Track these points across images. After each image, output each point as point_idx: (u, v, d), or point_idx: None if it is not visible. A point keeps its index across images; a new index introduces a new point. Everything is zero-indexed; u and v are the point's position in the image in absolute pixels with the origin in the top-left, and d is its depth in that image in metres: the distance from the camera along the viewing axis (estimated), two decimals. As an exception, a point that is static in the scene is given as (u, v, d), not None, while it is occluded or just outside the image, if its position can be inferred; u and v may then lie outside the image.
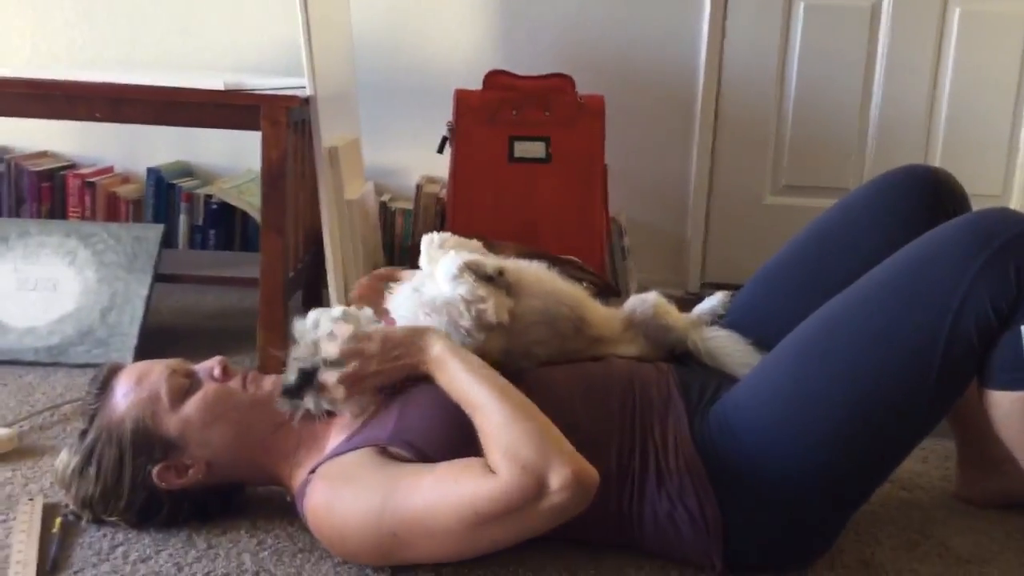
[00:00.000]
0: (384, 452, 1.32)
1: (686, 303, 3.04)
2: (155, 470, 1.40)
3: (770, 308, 1.60)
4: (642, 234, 3.06)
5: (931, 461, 1.82)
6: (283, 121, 2.07)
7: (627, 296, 2.92)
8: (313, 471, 1.38)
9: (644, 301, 1.63)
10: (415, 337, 1.36)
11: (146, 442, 1.40)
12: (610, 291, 2.51)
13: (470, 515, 1.20)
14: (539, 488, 1.18)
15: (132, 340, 2.18)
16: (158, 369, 1.47)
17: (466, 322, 1.40)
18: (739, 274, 3.15)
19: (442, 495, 1.22)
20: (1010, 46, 2.97)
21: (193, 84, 2.08)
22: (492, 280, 1.42)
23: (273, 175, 2.09)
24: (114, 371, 1.48)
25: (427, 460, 1.30)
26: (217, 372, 1.48)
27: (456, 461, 1.25)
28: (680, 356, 1.62)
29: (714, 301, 1.68)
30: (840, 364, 1.30)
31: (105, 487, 1.40)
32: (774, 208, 3.09)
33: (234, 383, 1.48)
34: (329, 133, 2.24)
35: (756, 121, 3.05)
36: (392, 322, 1.44)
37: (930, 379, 1.27)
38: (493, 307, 1.40)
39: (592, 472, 1.21)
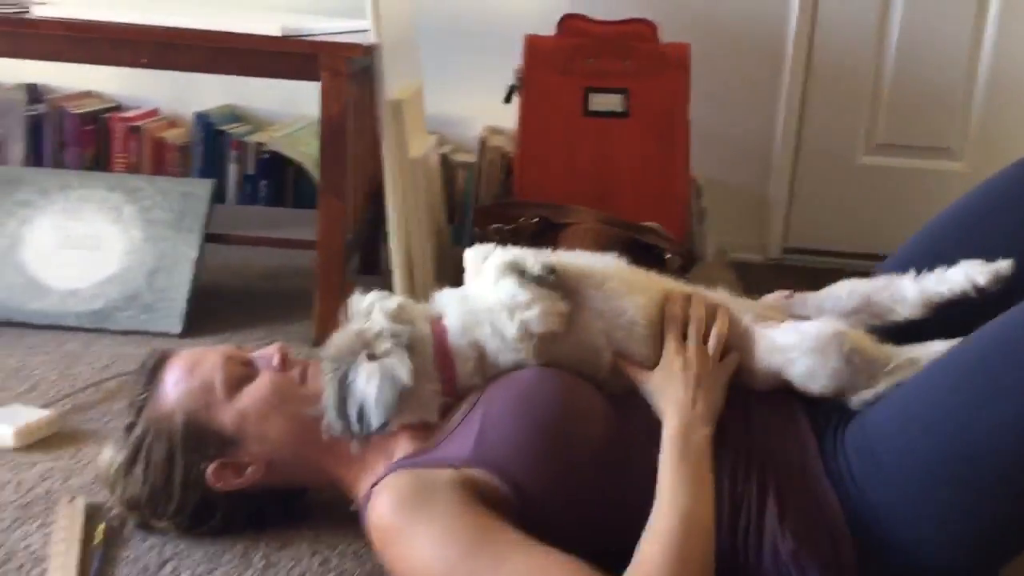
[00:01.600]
0: (467, 479, 1.15)
1: (764, 270, 2.85)
2: (210, 468, 1.24)
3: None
4: (719, 194, 2.83)
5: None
6: (344, 71, 1.88)
7: (704, 260, 2.74)
8: (377, 482, 1.21)
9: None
10: (707, 409, 1.20)
11: (199, 437, 1.25)
12: (692, 259, 2.31)
13: None
14: None
15: (181, 306, 2.03)
16: (212, 357, 1.31)
17: (509, 332, 1.19)
18: (826, 239, 2.93)
19: None
20: None
21: (247, 28, 1.88)
22: (540, 280, 1.18)
23: (333, 132, 1.91)
24: (163, 358, 1.32)
25: (514, 484, 1.13)
26: (276, 361, 1.32)
27: (560, 556, 1.06)
28: None
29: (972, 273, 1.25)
30: (1017, 389, 1.08)
31: (154, 487, 1.25)
32: (868, 169, 2.85)
33: (295, 373, 1.32)
34: (392, 83, 2.04)
35: (851, 73, 2.79)
36: (441, 327, 1.25)
37: None
38: (539, 314, 1.18)
39: None
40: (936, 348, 1.21)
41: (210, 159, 2.75)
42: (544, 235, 2.22)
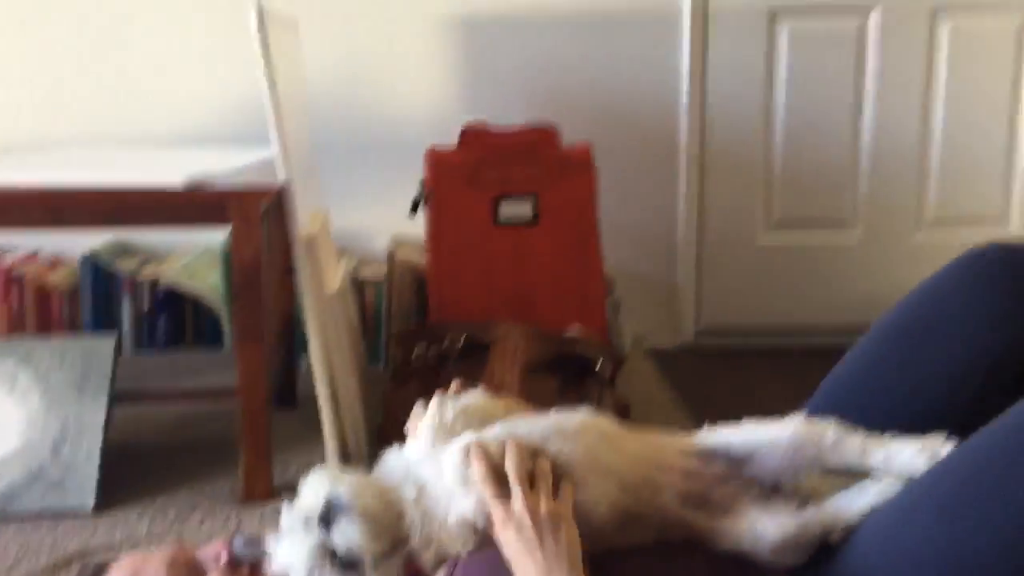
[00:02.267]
0: None
1: (680, 355, 2.86)
2: None
3: (855, 424, 1.36)
4: (630, 284, 2.84)
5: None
6: (255, 217, 1.79)
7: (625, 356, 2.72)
8: None
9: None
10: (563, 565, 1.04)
11: None
12: (620, 362, 2.28)
13: None
14: None
15: (92, 477, 1.87)
16: (154, 563, 1.20)
17: (471, 542, 1.11)
18: (735, 318, 2.97)
19: None
20: (1001, 61, 2.83)
21: (149, 179, 1.78)
22: None
23: (247, 277, 1.81)
24: (99, 571, 1.21)
25: None
26: (223, 561, 1.21)
27: None
28: None
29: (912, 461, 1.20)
30: (1000, 519, 1.06)
31: None
32: (769, 247, 2.90)
33: (244, 572, 1.21)
34: (302, 216, 1.96)
35: (744, 156, 2.86)
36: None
37: None
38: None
39: None
40: (871, 495, 1.19)
41: (100, 303, 2.59)
42: (471, 356, 2.16)
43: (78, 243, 2.66)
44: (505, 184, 2.40)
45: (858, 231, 2.89)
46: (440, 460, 1.14)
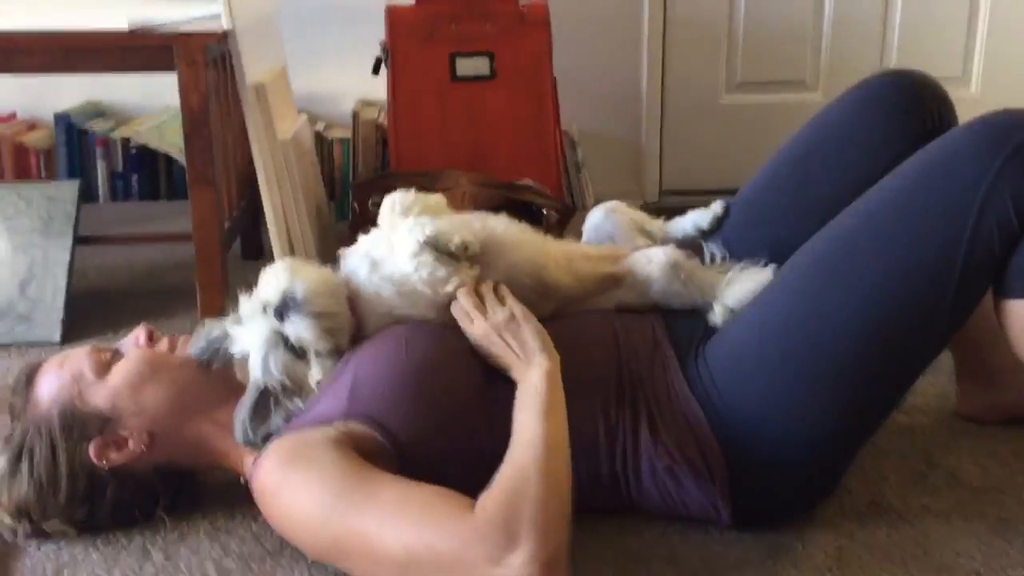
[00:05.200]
0: (343, 434, 1.18)
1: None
2: (91, 448, 1.26)
3: (758, 238, 1.47)
4: (595, 145, 2.90)
5: (925, 377, 1.71)
6: (201, 60, 1.86)
7: (585, 211, 2.81)
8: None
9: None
10: (532, 348, 1.23)
11: (76, 422, 1.27)
12: (569, 212, 2.37)
13: (421, 548, 1.04)
14: (501, 552, 1.02)
15: (57, 313, 2.00)
16: (78, 351, 1.35)
17: (424, 303, 1.28)
18: (699, 179, 3.03)
19: (401, 517, 1.07)
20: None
21: (94, 25, 1.84)
22: (455, 256, 1.27)
23: (195, 122, 1.89)
24: (34, 369, 1.35)
25: (390, 433, 1.17)
26: (141, 340, 1.36)
27: (431, 487, 1.09)
28: None
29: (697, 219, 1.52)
30: (854, 280, 1.20)
31: (40, 482, 1.26)
32: (730, 107, 2.95)
33: (161, 347, 1.36)
34: (253, 67, 2.03)
35: (707, 19, 2.88)
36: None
37: (951, 288, 1.18)
38: (455, 287, 1.28)
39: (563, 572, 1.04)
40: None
41: (75, 160, 2.68)
42: (422, 203, 2.25)
43: (52, 106, 2.75)
44: (462, 41, 2.44)
45: (818, 94, 2.92)
46: (392, 240, 1.28)
